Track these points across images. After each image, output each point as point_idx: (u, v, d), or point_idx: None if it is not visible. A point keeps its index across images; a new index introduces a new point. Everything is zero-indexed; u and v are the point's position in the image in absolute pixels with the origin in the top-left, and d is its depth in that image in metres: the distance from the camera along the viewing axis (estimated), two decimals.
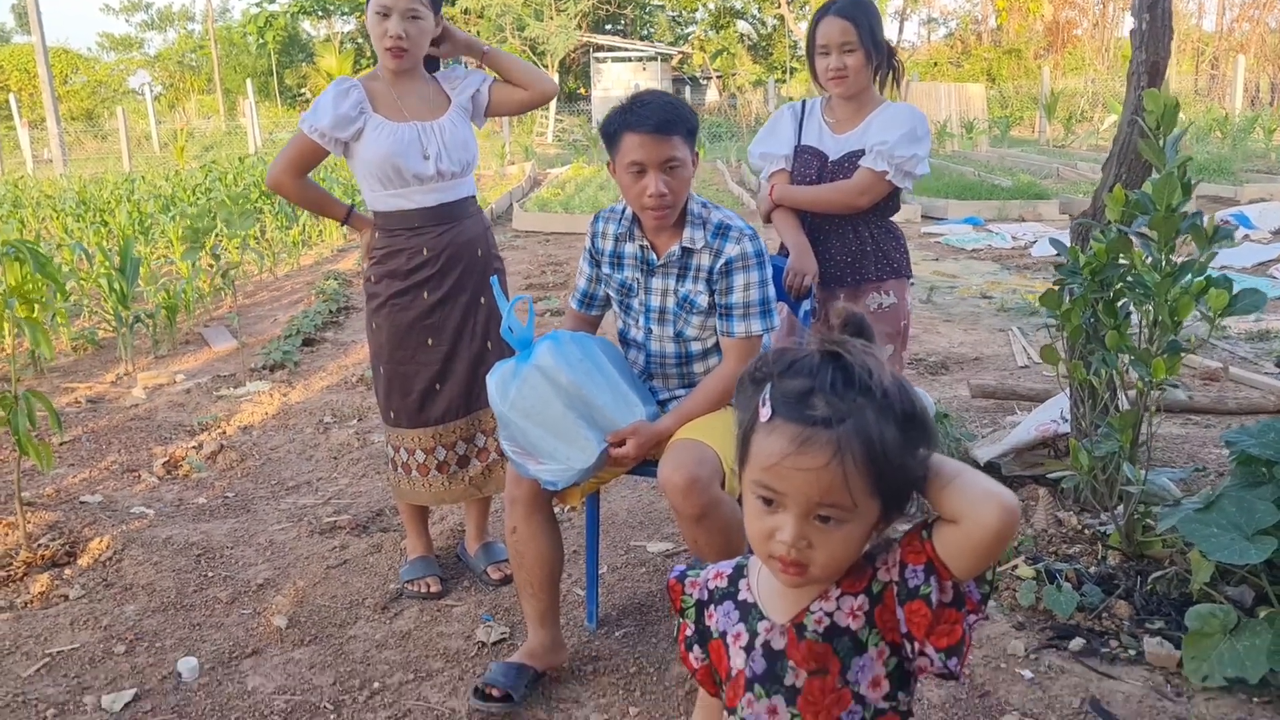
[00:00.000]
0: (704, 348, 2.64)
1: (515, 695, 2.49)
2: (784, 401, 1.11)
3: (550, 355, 2.47)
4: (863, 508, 1.10)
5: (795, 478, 1.09)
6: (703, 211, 2.57)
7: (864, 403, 1.09)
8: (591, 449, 2.42)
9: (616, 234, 2.67)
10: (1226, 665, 2.47)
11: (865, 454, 1.08)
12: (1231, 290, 2.69)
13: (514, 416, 2.46)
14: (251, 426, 4.78)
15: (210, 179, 11.89)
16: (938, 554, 1.11)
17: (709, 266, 2.54)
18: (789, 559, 1.12)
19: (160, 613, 3.06)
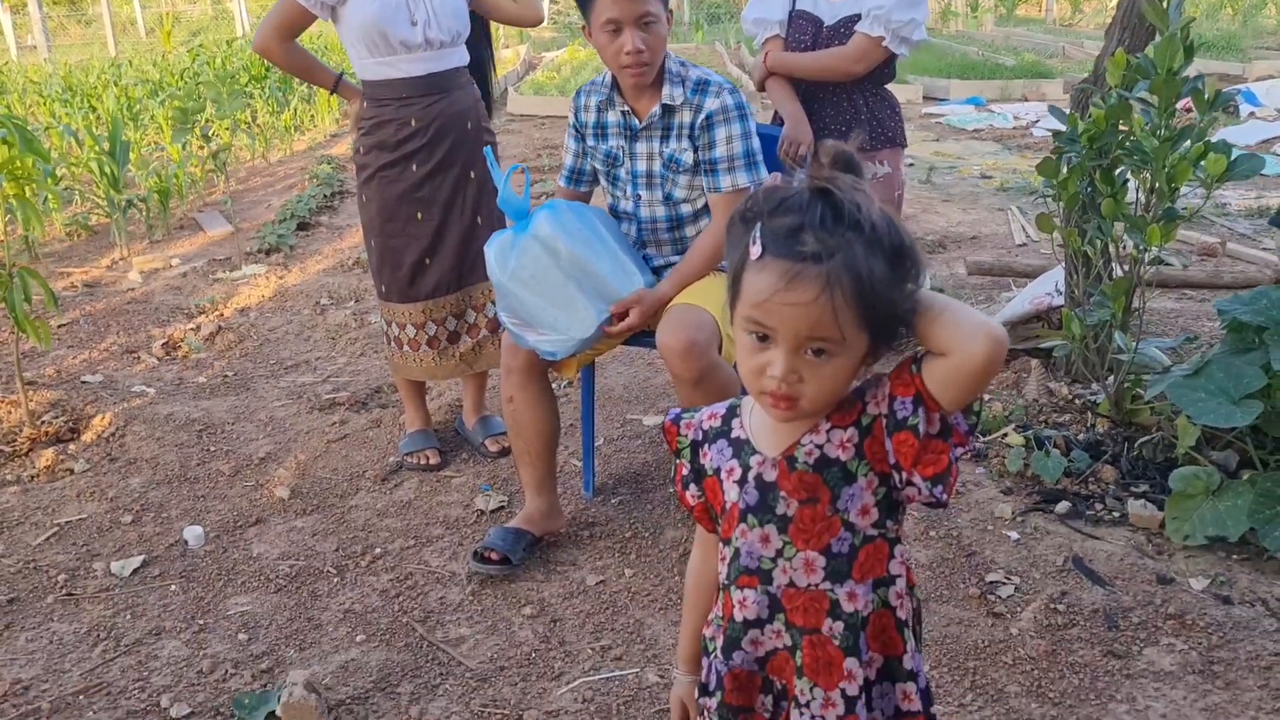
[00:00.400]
0: (694, 209, 2.63)
1: (513, 558, 2.55)
2: (773, 238, 1.11)
3: (548, 224, 2.46)
4: (852, 341, 1.12)
5: (785, 313, 1.10)
6: (681, 70, 2.55)
7: (853, 237, 1.10)
8: (591, 319, 2.43)
9: (598, 104, 2.65)
10: (1208, 524, 2.54)
11: (854, 287, 1.09)
12: (1230, 156, 2.66)
13: (513, 287, 2.46)
14: (249, 309, 4.79)
15: (198, 63, 11.65)
16: (926, 386, 1.13)
17: (690, 123, 2.53)
18: (780, 393, 1.14)
19: (164, 485, 3.12)
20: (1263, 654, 2.18)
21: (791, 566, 1.22)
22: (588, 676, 2.21)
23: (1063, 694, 2.09)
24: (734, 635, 1.27)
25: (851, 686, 1.22)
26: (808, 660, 1.23)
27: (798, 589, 1.23)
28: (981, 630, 2.30)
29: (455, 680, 2.22)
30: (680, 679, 1.46)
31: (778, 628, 1.25)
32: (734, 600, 1.27)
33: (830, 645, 1.22)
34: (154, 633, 2.42)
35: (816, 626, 1.22)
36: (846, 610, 1.21)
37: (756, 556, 1.24)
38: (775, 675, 1.29)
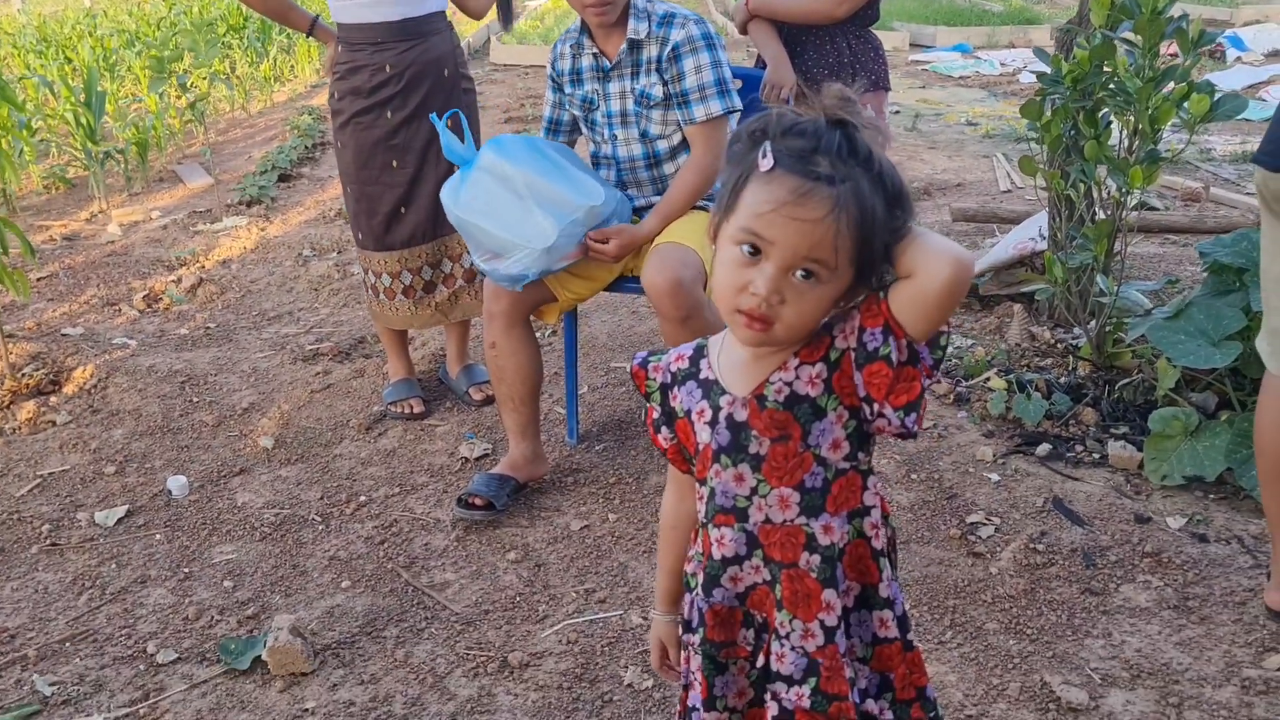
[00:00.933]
0: (670, 146, 2.62)
1: (497, 504, 2.56)
2: (788, 154, 1.11)
3: (492, 153, 2.47)
4: (840, 272, 1.12)
5: (790, 226, 1.10)
6: (647, 5, 2.55)
7: (861, 173, 1.11)
8: (549, 227, 2.40)
9: (572, 50, 2.65)
10: (1185, 464, 2.56)
11: (858, 218, 1.10)
12: (1213, 96, 2.65)
13: (468, 217, 2.46)
14: (230, 260, 4.75)
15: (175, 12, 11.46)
16: (893, 313, 1.14)
17: (657, 55, 2.53)
18: (757, 312, 1.13)
19: (148, 436, 3.11)
20: (1237, 590, 2.21)
21: (767, 503, 1.23)
22: (571, 619, 2.23)
23: (1040, 630, 2.12)
24: (713, 572, 1.28)
25: (830, 617, 1.23)
26: (786, 593, 1.24)
27: (774, 525, 1.24)
28: (962, 570, 2.33)
29: (440, 624, 2.24)
30: (658, 618, 1.47)
31: (756, 563, 1.26)
32: (712, 538, 1.28)
33: (808, 578, 1.23)
34: (139, 581, 2.43)
35: (794, 561, 1.23)
36: (823, 543, 1.23)
37: (731, 495, 1.25)
38: (755, 609, 1.30)
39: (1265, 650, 2.03)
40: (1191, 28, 2.65)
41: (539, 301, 2.63)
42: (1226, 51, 8.72)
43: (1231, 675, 1.97)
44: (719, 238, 1.18)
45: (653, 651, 1.49)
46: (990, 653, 2.07)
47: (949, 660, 2.06)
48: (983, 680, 2.00)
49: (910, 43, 10.58)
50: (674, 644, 1.46)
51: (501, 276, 2.48)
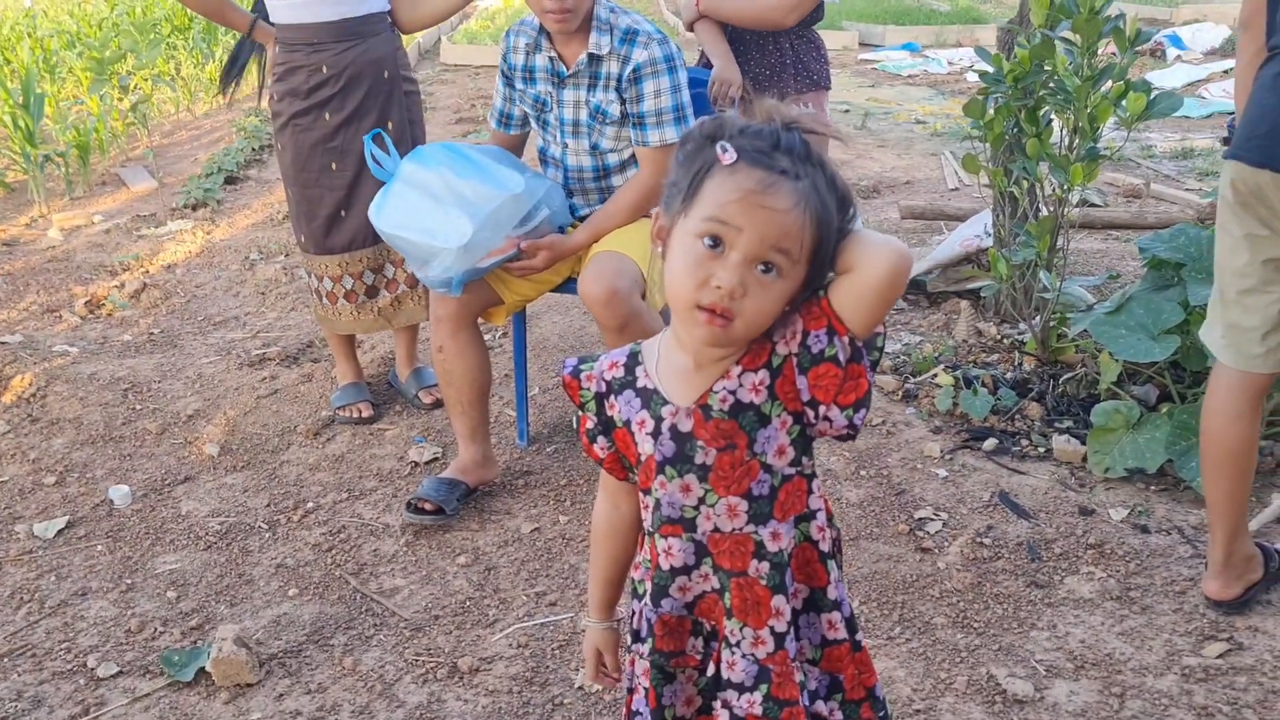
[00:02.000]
0: (620, 159, 2.61)
1: (447, 508, 2.54)
2: (750, 149, 1.12)
3: (411, 164, 2.47)
4: (799, 265, 1.13)
5: (758, 215, 1.10)
6: (610, 17, 2.49)
7: (817, 173, 1.13)
8: (465, 225, 2.37)
9: (526, 46, 2.59)
10: (1128, 457, 2.60)
11: (818, 214, 1.11)
12: (1149, 94, 2.70)
13: (391, 229, 2.45)
14: (175, 265, 4.68)
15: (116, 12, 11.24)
16: (834, 309, 1.14)
17: (618, 74, 2.48)
18: (720, 306, 1.12)
19: (89, 445, 3.05)
20: (1177, 579, 2.25)
21: (715, 513, 1.23)
22: (522, 623, 2.22)
23: (987, 624, 2.15)
24: (661, 583, 1.28)
25: (780, 623, 1.24)
26: (736, 601, 1.24)
27: (722, 534, 1.23)
28: (910, 565, 2.35)
29: (389, 630, 2.22)
30: (593, 626, 1.45)
31: (705, 571, 1.26)
32: (659, 549, 1.27)
33: (758, 585, 1.23)
34: (80, 593, 2.38)
35: (743, 569, 1.23)
36: (771, 550, 1.22)
37: (678, 506, 1.24)
38: (704, 617, 1.29)
39: (1204, 639, 2.07)
40: (1128, 27, 2.70)
41: (485, 304, 2.61)
42: (1166, 50, 8.88)
43: (1172, 664, 2.01)
44: (673, 235, 1.17)
45: (588, 661, 1.47)
46: (938, 647, 2.09)
47: (897, 655, 2.07)
48: (930, 674, 2.02)
49: (859, 42, 10.67)
50: (610, 650, 1.45)
51: (432, 282, 2.46)
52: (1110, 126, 2.82)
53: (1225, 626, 2.10)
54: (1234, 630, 2.09)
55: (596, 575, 1.43)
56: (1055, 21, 2.79)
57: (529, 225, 2.48)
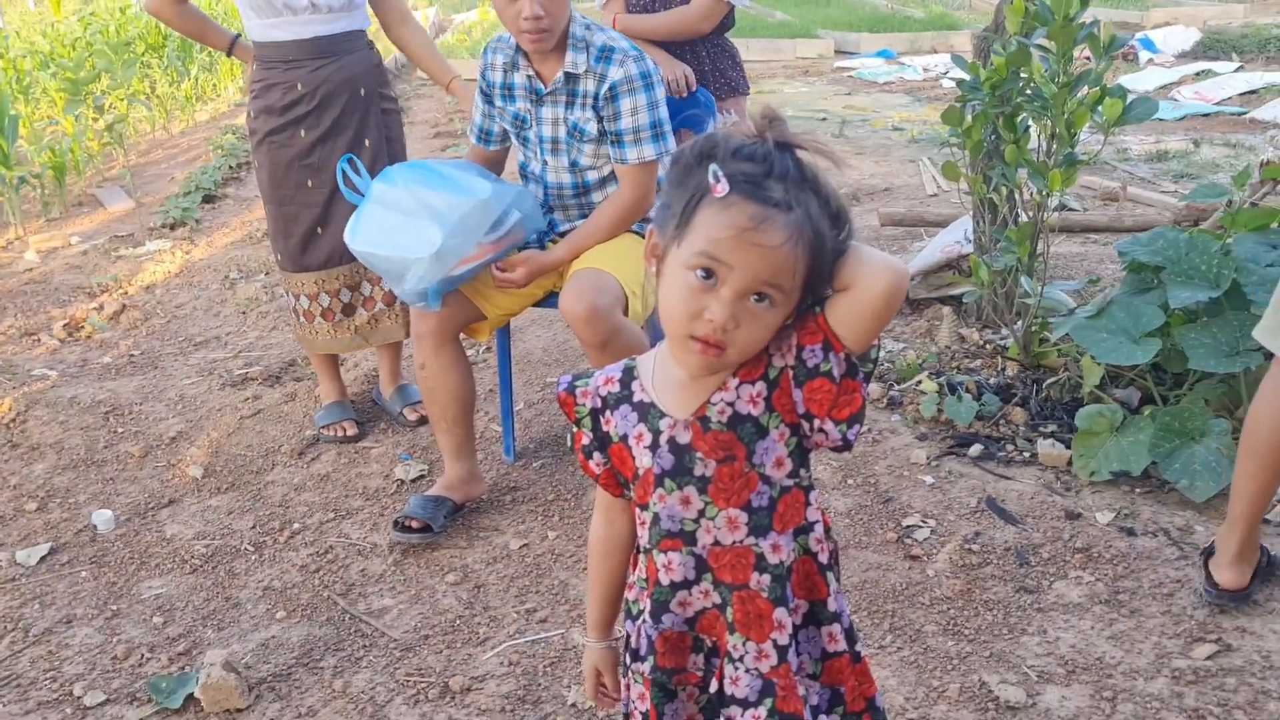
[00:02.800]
0: (600, 176, 2.61)
1: (434, 526, 2.53)
2: (742, 179, 1.10)
3: (381, 184, 2.47)
4: (792, 294, 1.13)
5: (750, 252, 1.09)
6: (586, 34, 2.48)
7: (811, 196, 1.11)
8: (434, 235, 2.37)
9: (504, 64, 2.59)
10: (1112, 460, 2.62)
11: (812, 243, 1.11)
12: (1125, 100, 2.72)
13: (364, 248, 2.45)
14: (154, 285, 4.65)
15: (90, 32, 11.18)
16: (831, 326, 1.15)
17: (594, 92, 2.48)
18: (713, 338, 1.12)
19: (70, 470, 3.02)
20: (1165, 581, 2.26)
21: (715, 525, 1.22)
22: (513, 640, 2.21)
23: (977, 630, 2.15)
24: (661, 598, 1.27)
25: (782, 636, 1.23)
26: (738, 615, 1.23)
27: (723, 547, 1.23)
28: (899, 573, 2.35)
29: (379, 651, 2.20)
30: (592, 645, 1.45)
31: (706, 587, 1.25)
32: (658, 564, 1.26)
33: (759, 599, 1.23)
34: (64, 621, 2.36)
35: (744, 582, 1.23)
36: (772, 562, 1.22)
37: (678, 519, 1.23)
38: (705, 633, 1.29)
39: (1193, 640, 2.08)
40: (1102, 32, 2.72)
41: (467, 320, 2.60)
42: (1139, 54, 8.97)
43: (1162, 666, 2.02)
44: (666, 261, 1.16)
45: (587, 680, 1.46)
46: (929, 655, 2.09)
47: (889, 664, 2.07)
48: (923, 683, 2.02)
49: (835, 50, 10.72)
50: (609, 670, 1.44)
51: (409, 296, 2.45)
52: (1087, 131, 2.84)
53: (1213, 628, 2.11)
54: (1222, 631, 2.10)
55: (594, 594, 1.42)
56: (1030, 29, 2.82)
57: (500, 230, 2.47)
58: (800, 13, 12.96)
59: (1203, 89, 7.49)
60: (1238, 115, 6.81)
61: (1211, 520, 2.46)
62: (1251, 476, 2.05)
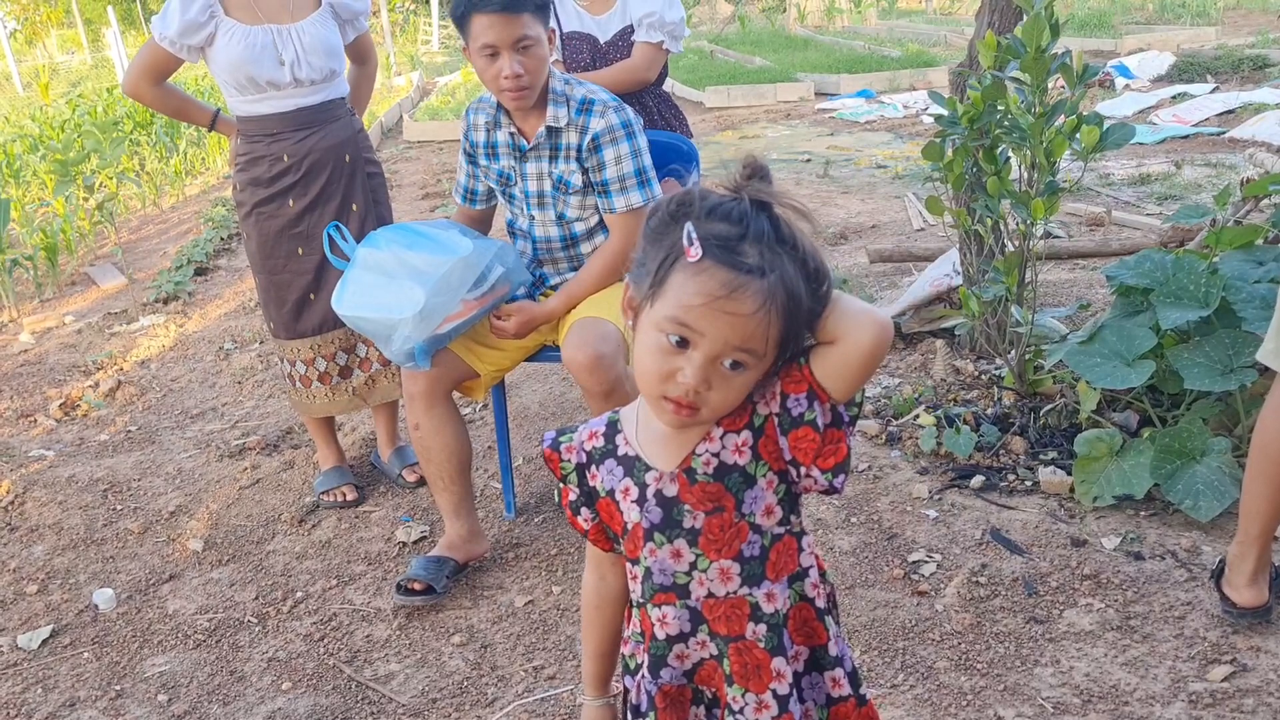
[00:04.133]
0: (587, 228, 2.62)
1: (437, 587, 2.51)
2: (716, 245, 1.09)
3: (364, 249, 2.49)
4: (768, 356, 1.12)
5: (721, 320, 1.08)
6: (565, 89, 2.51)
7: (787, 258, 1.10)
8: (417, 295, 2.37)
9: (487, 124, 2.62)
10: (1115, 485, 2.61)
11: (786, 306, 1.09)
12: (1102, 127, 2.75)
13: (351, 313, 2.46)
14: (149, 360, 4.65)
15: (78, 113, 11.31)
16: (815, 378, 1.14)
17: (577, 144, 2.50)
18: (685, 400, 1.11)
19: (70, 550, 3.00)
20: (1176, 604, 2.25)
21: (707, 577, 1.21)
22: (522, 699, 2.19)
23: (990, 664, 2.13)
24: (659, 653, 1.26)
25: (782, 686, 1.22)
26: (736, 667, 1.22)
27: (717, 599, 1.22)
28: (908, 610, 2.33)
29: (387, 718, 2.18)
30: (589, 703, 1.43)
31: (702, 639, 1.24)
32: (652, 618, 1.25)
33: (756, 649, 1.21)
34: (68, 704, 2.33)
35: (740, 633, 1.22)
36: (767, 611, 1.21)
37: (670, 573, 1.22)
38: (704, 685, 1.28)
39: (1208, 663, 2.06)
40: (1075, 62, 2.76)
41: (459, 378, 2.60)
42: (1115, 80, 9.08)
43: (1179, 691, 2.00)
44: (640, 320, 1.16)
45: None
46: (943, 692, 2.07)
47: (903, 704, 2.05)
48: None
49: (815, 92, 10.85)
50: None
51: (397, 356, 2.46)
52: (1067, 159, 2.87)
53: (1227, 649, 2.09)
54: (1236, 652, 2.08)
55: (589, 649, 1.41)
56: (1004, 62, 2.85)
57: (484, 286, 2.47)
58: (779, 58, 13.13)
59: (1180, 111, 7.58)
60: (1216, 135, 6.88)
61: (1218, 540, 2.45)
62: (1263, 497, 2.04)
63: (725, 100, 10.60)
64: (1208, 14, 13.67)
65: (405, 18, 23.29)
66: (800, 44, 14.94)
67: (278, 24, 2.80)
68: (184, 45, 2.76)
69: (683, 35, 3.32)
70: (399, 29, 22.68)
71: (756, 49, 14.25)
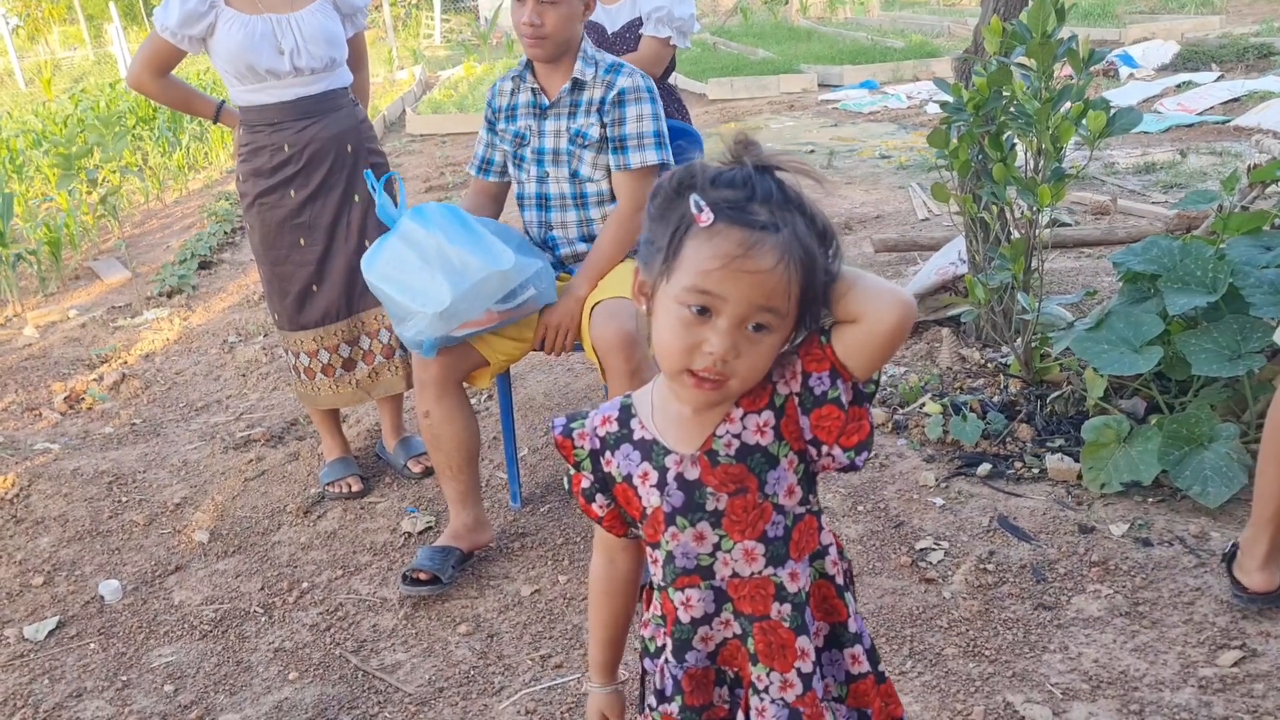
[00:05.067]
0: (599, 190, 2.64)
1: (443, 577, 2.51)
2: (726, 206, 1.08)
3: (410, 220, 2.45)
4: (789, 317, 1.11)
5: (743, 280, 1.07)
6: (596, 54, 2.62)
7: (796, 216, 1.10)
8: (445, 292, 2.33)
9: (512, 87, 2.70)
10: (1122, 471, 2.60)
11: (803, 261, 1.09)
12: (1109, 111, 2.73)
13: (377, 282, 2.43)
14: (153, 353, 4.65)
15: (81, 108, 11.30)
16: (837, 356, 1.14)
17: (600, 98, 2.57)
18: (713, 371, 1.10)
19: (76, 542, 3.00)
20: (1184, 590, 2.24)
21: (732, 558, 1.21)
22: (529, 688, 2.18)
23: (998, 650, 2.12)
24: (683, 637, 1.25)
25: (806, 664, 1.21)
26: (760, 646, 1.22)
27: (742, 579, 1.21)
28: (915, 597, 2.32)
29: (394, 707, 2.17)
30: (596, 690, 1.42)
31: (726, 618, 1.24)
32: (675, 602, 1.24)
33: (781, 629, 1.21)
34: (74, 695, 2.33)
35: (765, 613, 1.21)
36: (791, 590, 1.21)
37: (694, 555, 1.22)
38: (727, 665, 1.27)
39: (1217, 648, 2.05)
40: (1081, 47, 2.74)
41: (470, 367, 2.60)
42: (1119, 70, 9.04)
43: (1188, 676, 1.99)
44: (657, 298, 1.14)
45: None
46: (951, 678, 2.06)
47: (911, 690, 2.04)
48: (946, 707, 1.99)
49: (819, 83, 10.82)
50: (615, 714, 1.42)
51: (406, 340, 2.45)
52: (1073, 146, 2.85)
53: (1237, 634, 2.08)
54: (1246, 637, 2.07)
55: (596, 636, 1.40)
56: (1010, 48, 2.84)
57: (512, 302, 2.44)
58: (782, 49, 13.10)
59: (1185, 100, 7.55)
60: (1222, 124, 6.85)
61: (1226, 526, 2.44)
62: (1276, 479, 2.02)
63: (728, 92, 10.58)
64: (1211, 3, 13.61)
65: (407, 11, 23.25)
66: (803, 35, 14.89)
67: (277, 13, 2.79)
68: (185, 36, 2.75)
69: (691, 31, 3.31)
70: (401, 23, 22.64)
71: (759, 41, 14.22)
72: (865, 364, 1.14)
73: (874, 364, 1.14)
